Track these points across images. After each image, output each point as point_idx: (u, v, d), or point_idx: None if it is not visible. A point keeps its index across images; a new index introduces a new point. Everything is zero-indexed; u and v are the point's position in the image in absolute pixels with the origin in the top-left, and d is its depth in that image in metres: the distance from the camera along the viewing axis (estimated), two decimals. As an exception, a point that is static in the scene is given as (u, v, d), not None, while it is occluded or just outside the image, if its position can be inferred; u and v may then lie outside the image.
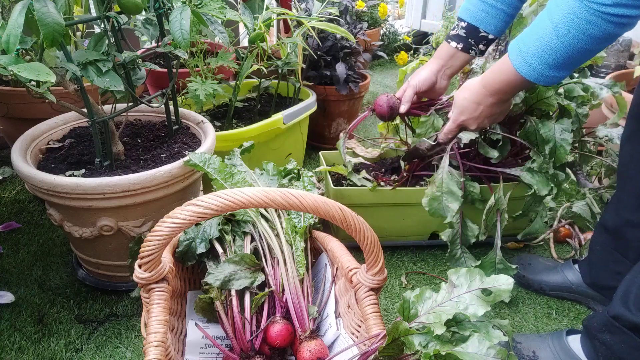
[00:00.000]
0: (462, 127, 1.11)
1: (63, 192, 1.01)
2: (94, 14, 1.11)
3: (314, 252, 1.09)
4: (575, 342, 1.01)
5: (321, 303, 0.98)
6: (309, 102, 1.72)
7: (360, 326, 0.89)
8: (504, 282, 0.71)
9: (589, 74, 1.34)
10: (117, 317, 1.16)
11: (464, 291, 0.72)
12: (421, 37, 3.37)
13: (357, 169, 1.49)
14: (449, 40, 1.15)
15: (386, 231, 1.38)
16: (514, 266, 1.20)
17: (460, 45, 1.14)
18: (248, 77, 1.74)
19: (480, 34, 1.11)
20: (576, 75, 1.30)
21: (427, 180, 1.29)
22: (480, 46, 1.13)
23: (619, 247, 1.09)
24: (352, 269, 0.88)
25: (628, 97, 1.31)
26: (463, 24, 1.12)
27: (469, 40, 1.12)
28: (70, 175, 1.06)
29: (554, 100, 1.18)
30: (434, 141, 1.21)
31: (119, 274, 1.21)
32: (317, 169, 1.42)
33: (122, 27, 1.08)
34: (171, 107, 1.29)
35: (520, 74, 0.89)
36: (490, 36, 1.11)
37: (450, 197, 1.17)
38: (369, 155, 1.52)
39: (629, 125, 1.06)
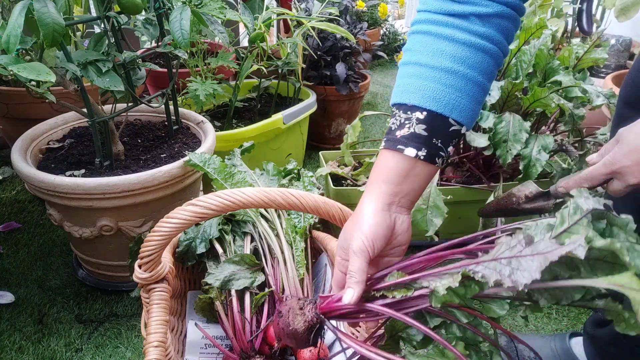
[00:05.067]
0: (614, 175, 0.67)
1: (63, 192, 1.01)
2: (94, 14, 1.12)
3: (314, 252, 1.09)
4: (577, 346, 1.00)
5: (321, 303, 0.98)
6: (309, 102, 1.72)
7: (360, 326, 0.89)
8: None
9: (588, 74, 1.34)
10: (117, 317, 1.16)
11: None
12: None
13: (357, 168, 1.49)
14: (400, 146, 0.61)
15: (386, 231, 1.38)
16: None
17: (422, 153, 0.61)
18: (248, 77, 1.74)
19: (452, 128, 0.62)
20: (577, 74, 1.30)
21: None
22: (450, 149, 0.64)
23: None
24: (352, 269, 0.87)
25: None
26: (420, 115, 0.61)
27: (434, 140, 0.61)
28: (70, 175, 1.06)
29: (550, 101, 1.18)
30: (547, 190, 0.73)
31: (119, 274, 1.21)
32: (318, 174, 1.36)
33: (122, 27, 1.08)
34: (171, 107, 1.29)
35: None
36: (463, 130, 0.63)
37: (436, 212, 1.18)
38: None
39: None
